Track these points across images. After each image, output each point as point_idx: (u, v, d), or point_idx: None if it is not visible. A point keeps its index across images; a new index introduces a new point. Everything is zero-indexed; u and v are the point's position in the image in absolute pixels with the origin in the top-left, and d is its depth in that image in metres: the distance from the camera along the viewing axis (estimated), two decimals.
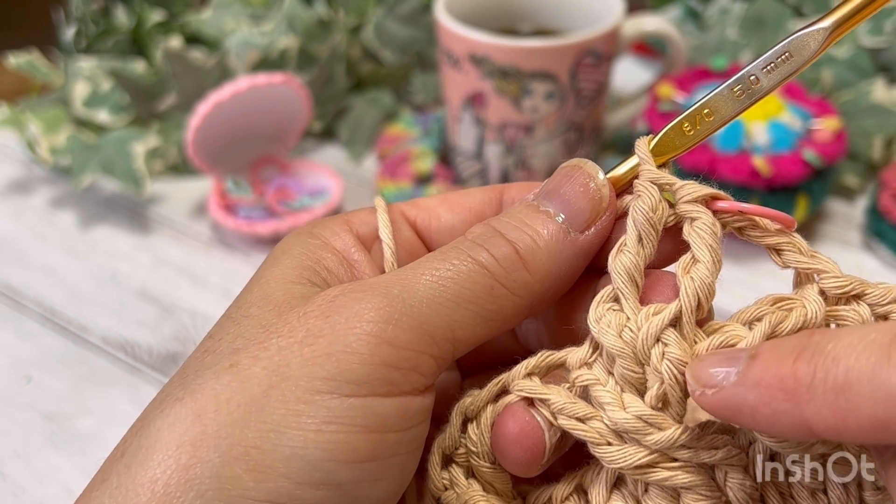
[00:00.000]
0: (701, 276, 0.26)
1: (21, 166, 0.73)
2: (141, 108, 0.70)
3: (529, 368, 0.28)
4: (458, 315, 0.26)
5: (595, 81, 0.63)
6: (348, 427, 0.24)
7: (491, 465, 0.28)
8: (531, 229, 0.28)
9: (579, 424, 0.26)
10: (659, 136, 0.28)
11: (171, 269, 0.62)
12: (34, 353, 0.55)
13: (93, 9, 0.73)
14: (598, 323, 0.27)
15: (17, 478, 0.47)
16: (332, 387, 0.24)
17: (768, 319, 0.26)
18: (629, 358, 0.26)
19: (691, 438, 0.25)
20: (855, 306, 0.26)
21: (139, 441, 0.24)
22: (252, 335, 0.26)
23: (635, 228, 0.27)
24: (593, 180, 0.28)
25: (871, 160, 0.66)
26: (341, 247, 0.30)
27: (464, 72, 0.62)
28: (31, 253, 0.64)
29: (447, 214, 0.31)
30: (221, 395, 0.24)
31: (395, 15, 0.77)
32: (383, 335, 0.25)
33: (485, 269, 0.27)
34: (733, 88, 0.27)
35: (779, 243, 0.27)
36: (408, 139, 0.72)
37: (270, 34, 0.72)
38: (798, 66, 0.26)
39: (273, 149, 0.68)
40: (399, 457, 0.26)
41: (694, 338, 0.26)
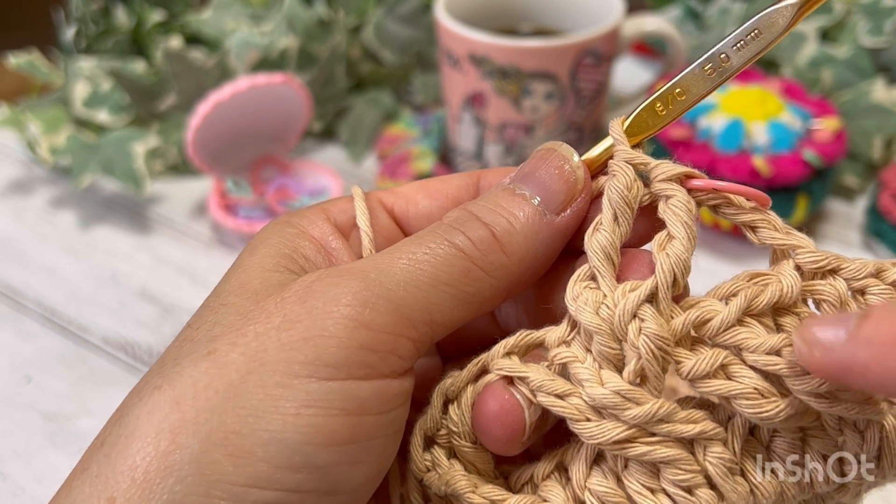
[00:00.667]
0: (676, 252, 0.26)
1: (21, 166, 0.73)
2: (141, 108, 0.70)
3: (508, 348, 0.28)
4: (435, 298, 0.26)
5: (595, 81, 0.63)
6: (327, 410, 0.24)
7: (472, 444, 0.28)
8: (507, 212, 0.28)
9: (558, 401, 0.27)
10: (632, 117, 0.29)
11: (171, 269, 0.62)
12: (34, 353, 0.55)
13: (93, 9, 0.73)
14: (575, 301, 0.27)
15: (17, 478, 0.47)
16: (310, 371, 0.24)
17: (744, 294, 0.26)
18: (606, 334, 0.26)
19: (669, 413, 0.25)
20: (831, 280, 0.27)
21: (118, 430, 0.24)
22: (229, 322, 0.26)
23: (611, 207, 0.27)
24: (568, 162, 0.29)
25: (870, 160, 0.66)
26: (318, 235, 0.30)
27: (464, 72, 0.62)
28: (31, 253, 0.64)
29: (425, 201, 0.32)
30: (199, 381, 0.24)
31: (395, 15, 0.77)
32: (360, 318, 0.25)
33: (461, 252, 0.27)
34: (704, 67, 0.27)
35: (753, 220, 0.27)
36: (408, 139, 0.72)
37: (270, 34, 0.72)
38: (767, 42, 0.27)
39: (273, 149, 0.68)
40: (378, 439, 0.26)
41: (670, 313, 0.26)
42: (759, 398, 0.25)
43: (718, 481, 0.26)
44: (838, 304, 0.26)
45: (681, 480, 0.26)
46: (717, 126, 0.61)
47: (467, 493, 0.28)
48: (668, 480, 0.26)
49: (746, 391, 0.25)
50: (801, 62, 0.69)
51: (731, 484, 0.26)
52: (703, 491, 0.26)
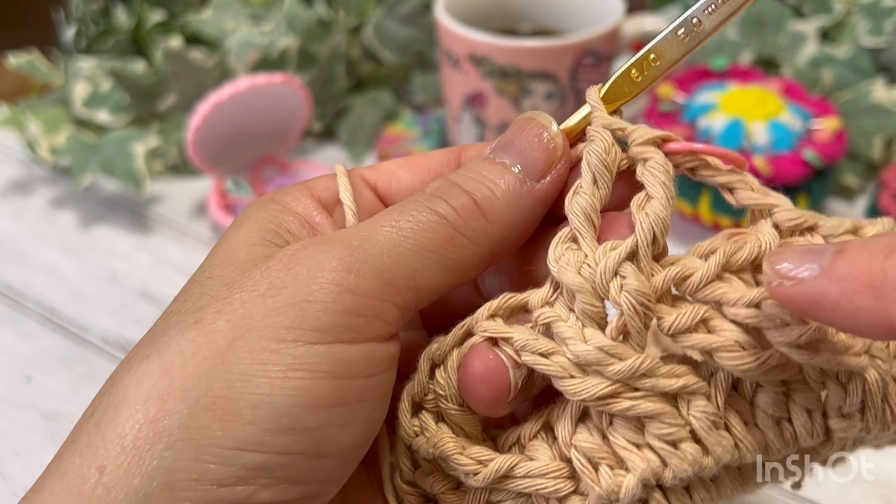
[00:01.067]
0: (655, 211, 0.27)
1: (21, 166, 0.73)
2: (141, 108, 0.70)
3: (492, 310, 0.29)
4: (419, 264, 0.27)
5: (595, 81, 0.63)
6: (314, 373, 0.24)
7: (459, 407, 0.29)
8: (488, 180, 0.28)
9: (542, 359, 0.27)
10: (608, 85, 0.29)
11: (171, 269, 0.62)
12: (34, 353, 0.55)
13: (93, 9, 0.73)
14: (557, 262, 0.27)
15: (17, 478, 0.47)
16: (297, 335, 0.24)
17: (722, 250, 0.26)
18: (588, 293, 0.26)
19: (652, 368, 0.26)
20: (809, 237, 0.27)
21: (108, 399, 0.25)
22: (216, 292, 0.26)
23: (590, 171, 0.28)
24: (546, 130, 0.29)
25: (871, 160, 0.66)
26: (302, 210, 0.30)
27: (464, 72, 0.62)
28: (31, 253, 0.64)
29: (407, 176, 0.32)
30: (187, 349, 0.25)
31: (395, 15, 0.77)
32: (345, 283, 0.25)
33: (444, 219, 0.27)
34: (677, 32, 0.28)
35: (731, 181, 0.28)
36: (408, 139, 0.72)
37: (270, 34, 0.72)
38: (737, 6, 0.27)
39: (273, 149, 0.68)
40: (366, 403, 0.26)
41: (651, 271, 0.26)
42: (739, 350, 0.25)
43: (703, 435, 0.26)
44: None
45: (665, 434, 0.26)
46: (717, 126, 0.61)
47: (455, 455, 0.28)
48: (652, 435, 0.26)
49: (727, 344, 0.25)
50: (801, 62, 0.69)
51: (715, 437, 0.26)
52: (687, 445, 0.26)
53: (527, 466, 0.28)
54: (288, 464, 0.24)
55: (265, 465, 0.24)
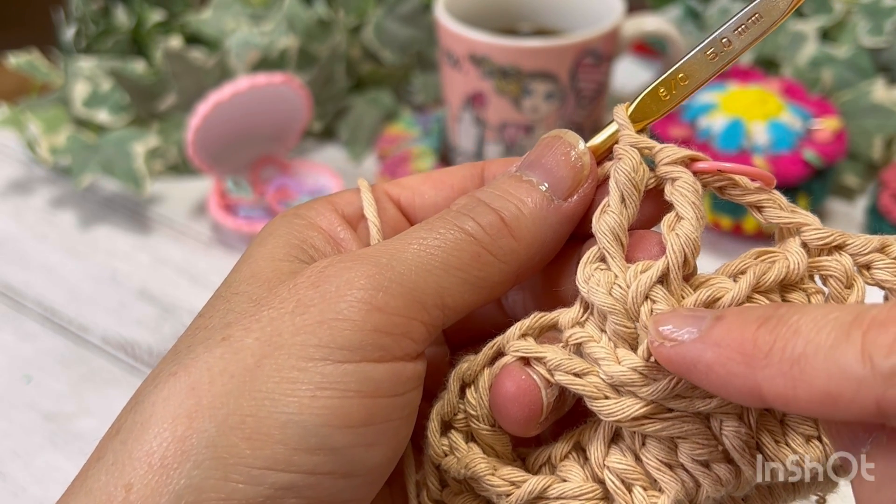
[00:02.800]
0: (686, 232, 0.26)
1: (21, 166, 0.73)
2: (141, 108, 0.70)
3: (523, 329, 0.28)
4: (446, 282, 0.27)
5: (595, 81, 0.63)
6: (342, 392, 0.24)
7: (490, 427, 0.29)
8: (515, 198, 0.28)
9: (576, 379, 0.27)
10: (636, 102, 0.29)
11: (171, 269, 0.62)
12: (34, 353, 0.55)
13: (93, 9, 0.73)
14: (587, 283, 0.27)
15: (17, 478, 0.47)
16: (325, 353, 0.24)
17: (752, 271, 0.26)
18: (620, 314, 0.26)
19: (686, 388, 0.26)
20: (837, 256, 0.27)
21: (134, 417, 0.24)
22: (243, 309, 0.26)
23: (618, 189, 0.28)
24: (574, 149, 0.29)
25: (871, 160, 0.66)
26: (327, 226, 0.30)
27: (464, 72, 0.62)
28: (31, 253, 0.64)
29: (430, 192, 0.32)
30: (215, 367, 0.24)
31: (395, 15, 0.77)
32: (374, 302, 0.25)
33: (471, 236, 0.27)
34: (706, 52, 0.28)
35: (759, 200, 0.28)
36: (408, 139, 0.72)
37: (270, 34, 0.72)
38: (768, 26, 0.27)
39: (273, 149, 0.68)
40: (394, 422, 0.26)
41: (681, 293, 0.26)
42: None
43: (735, 455, 0.26)
44: (844, 280, 0.27)
45: (698, 455, 0.26)
46: (717, 126, 0.61)
47: (487, 476, 0.28)
48: (685, 455, 0.26)
49: None
50: (802, 62, 0.69)
51: (747, 457, 0.26)
52: (720, 465, 0.26)
53: (560, 488, 0.28)
54: (316, 483, 0.24)
55: (293, 484, 0.24)
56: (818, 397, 0.20)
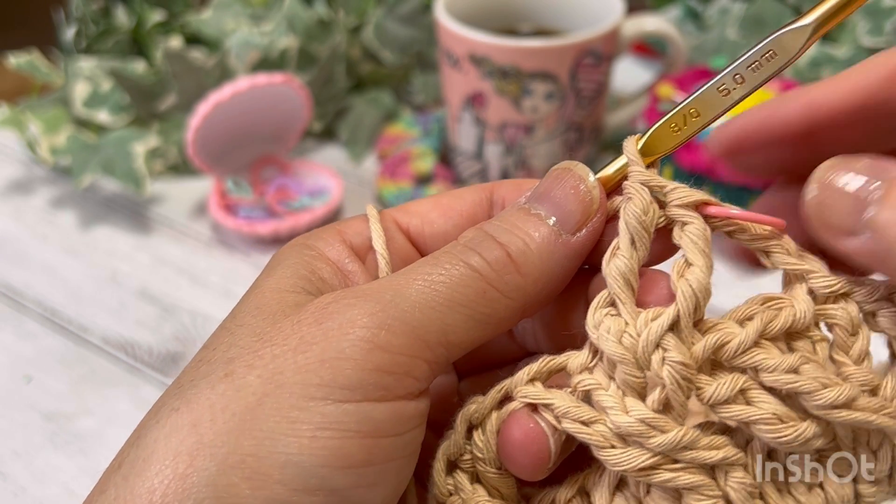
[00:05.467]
0: (697, 279, 0.26)
1: (21, 166, 0.73)
2: (141, 108, 0.70)
3: (532, 374, 0.28)
4: (450, 319, 0.26)
5: (595, 81, 0.63)
6: (343, 433, 0.24)
7: (497, 470, 0.29)
8: (522, 232, 0.28)
9: (583, 428, 0.27)
10: (647, 136, 0.28)
11: (171, 269, 0.62)
12: (34, 353, 0.55)
13: (93, 9, 0.73)
14: (596, 329, 0.27)
15: (18, 478, 0.47)
16: (326, 393, 0.24)
17: (760, 318, 0.26)
18: (630, 364, 0.26)
19: (693, 440, 0.26)
20: (843, 304, 0.27)
21: (136, 452, 0.25)
22: (246, 344, 0.26)
23: (628, 232, 0.27)
24: (583, 182, 0.28)
25: None
26: (335, 257, 0.30)
27: (464, 72, 0.62)
28: (31, 253, 0.64)
29: (439, 220, 0.32)
30: (217, 404, 0.24)
31: (395, 15, 0.77)
32: (376, 340, 0.25)
33: (477, 272, 0.27)
34: (719, 88, 0.27)
35: (768, 246, 0.27)
36: (408, 139, 0.72)
37: (270, 34, 0.72)
38: (782, 64, 0.26)
39: (273, 149, 0.68)
40: (395, 461, 0.26)
41: (692, 339, 0.26)
42: (777, 423, 0.25)
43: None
44: (850, 328, 0.27)
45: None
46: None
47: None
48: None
49: (765, 417, 0.25)
50: (801, 62, 0.69)
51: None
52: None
53: None
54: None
55: None
56: None
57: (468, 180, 0.68)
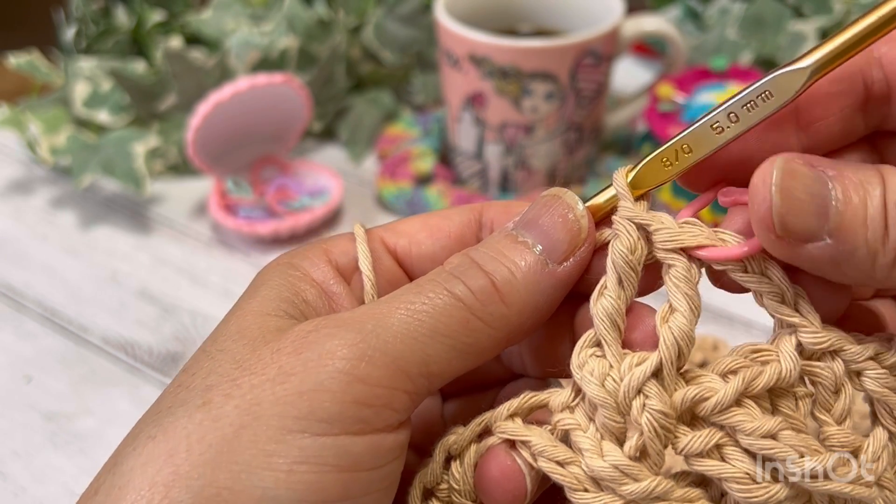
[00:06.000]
0: (679, 326, 0.26)
1: (21, 166, 0.73)
2: (141, 108, 0.70)
3: (512, 410, 0.28)
4: (432, 350, 0.26)
5: (595, 81, 0.63)
6: (320, 467, 0.24)
7: (472, 503, 0.29)
8: (509, 260, 0.28)
9: (558, 468, 0.27)
10: (637, 169, 0.28)
11: (171, 269, 0.62)
12: (34, 353, 0.55)
13: (93, 9, 0.73)
14: (580, 369, 0.27)
15: (18, 478, 0.47)
16: (304, 426, 0.24)
17: (742, 376, 0.26)
18: (611, 408, 0.26)
19: (666, 491, 0.26)
20: (829, 363, 0.26)
21: (112, 480, 0.24)
22: (225, 371, 0.26)
23: (615, 271, 0.27)
24: (572, 211, 0.28)
25: None
26: (320, 279, 0.29)
27: (464, 72, 0.62)
28: (31, 253, 0.64)
29: (427, 241, 0.31)
30: (193, 434, 0.24)
31: (395, 15, 0.77)
32: (356, 372, 0.25)
33: (461, 301, 0.27)
34: (712, 125, 0.27)
35: (762, 289, 0.27)
36: (408, 139, 0.72)
37: (270, 34, 0.72)
38: (778, 106, 0.26)
39: (273, 149, 0.68)
40: (372, 495, 0.25)
41: (675, 386, 0.26)
42: (749, 483, 0.25)
43: None
44: (833, 388, 0.26)
45: None
46: None
47: None
48: None
49: (738, 476, 0.25)
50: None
51: None
52: None
53: None
54: None
55: None
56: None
57: (468, 180, 0.68)
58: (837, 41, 0.25)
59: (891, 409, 0.27)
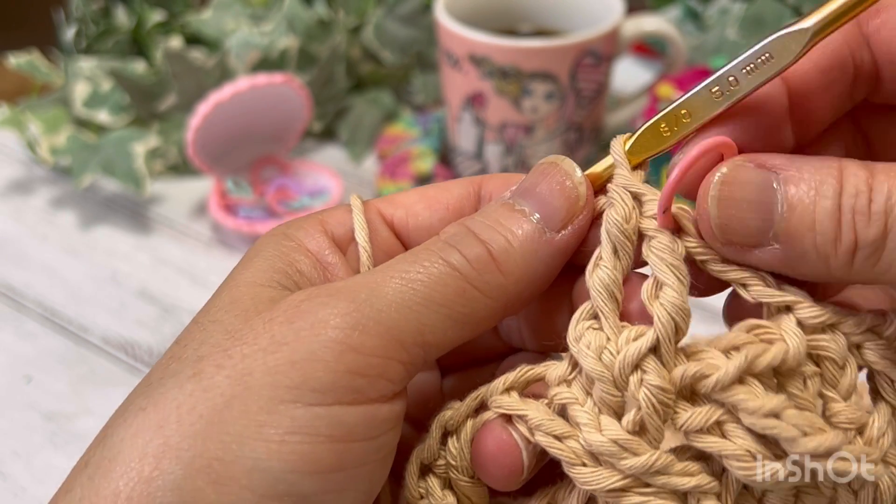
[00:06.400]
0: (671, 300, 0.25)
1: (21, 166, 0.73)
2: (141, 108, 0.70)
3: (508, 384, 0.28)
4: (428, 319, 0.26)
5: (595, 81, 0.63)
6: (313, 437, 0.24)
7: (470, 478, 0.28)
8: (505, 229, 0.27)
9: (556, 442, 0.26)
10: (635, 136, 0.28)
11: (171, 269, 0.62)
12: (34, 353, 0.55)
13: (93, 9, 0.73)
14: (577, 343, 0.26)
15: (18, 478, 0.47)
16: (296, 396, 0.24)
17: (745, 354, 0.25)
18: (608, 381, 0.25)
19: (666, 465, 0.25)
20: (832, 335, 0.26)
21: (102, 452, 0.24)
22: (217, 341, 0.25)
23: (610, 241, 0.27)
24: (570, 178, 0.28)
25: None
26: (315, 249, 0.29)
27: (464, 72, 0.62)
28: (31, 253, 0.64)
29: (425, 212, 0.31)
30: (184, 405, 0.24)
31: (395, 15, 0.77)
32: (349, 342, 0.24)
33: (456, 270, 0.26)
34: (711, 90, 0.26)
35: (743, 278, 0.26)
36: (408, 139, 0.72)
37: (270, 34, 0.72)
38: (779, 68, 0.25)
39: (273, 149, 0.68)
40: (367, 466, 0.25)
41: (674, 361, 0.25)
42: (750, 460, 0.25)
43: None
44: (840, 361, 0.26)
45: None
46: None
47: None
48: None
49: (738, 453, 0.25)
50: None
51: None
52: None
53: None
54: None
55: None
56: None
57: None
58: (839, 1, 0.24)
59: (892, 382, 0.26)
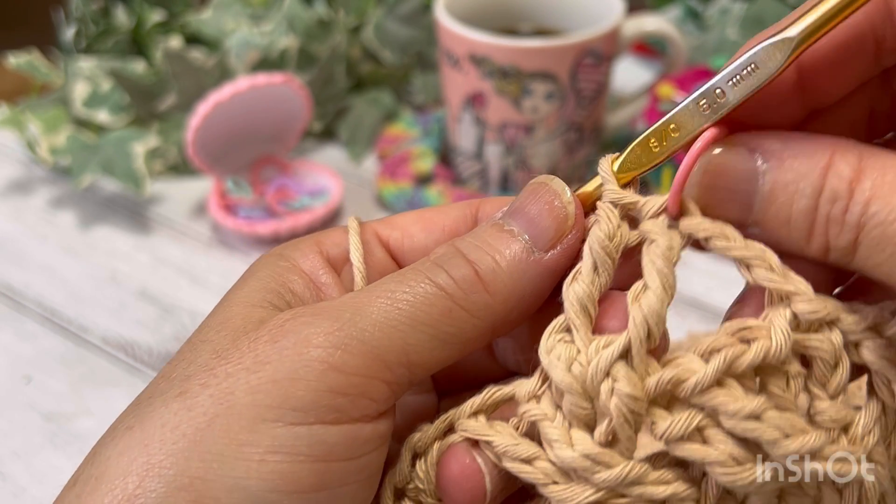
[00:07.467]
0: (649, 305, 0.25)
1: (21, 166, 0.73)
2: (141, 108, 0.70)
3: (475, 407, 0.28)
4: (413, 339, 0.26)
5: (595, 81, 0.63)
6: (293, 457, 0.24)
7: (438, 502, 0.28)
8: (493, 249, 0.27)
9: (524, 466, 0.26)
10: (624, 155, 0.27)
11: (171, 269, 0.62)
12: (34, 353, 0.55)
13: (93, 9, 0.73)
14: (548, 355, 0.26)
15: (18, 478, 0.47)
16: (278, 415, 0.24)
17: (724, 355, 0.24)
18: (578, 394, 0.25)
19: (641, 475, 0.25)
20: (827, 333, 0.25)
21: (90, 470, 0.25)
22: (204, 361, 0.26)
23: (591, 256, 0.26)
24: (559, 198, 0.28)
25: None
26: (309, 269, 0.29)
27: (464, 72, 0.62)
28: (31, 253, 0.64)
29: (420, 234, 0.31)
30: (168, 423, 0.24)
31: (395, 15, 0.77)
32: (331, 360, 0.24)
33: (442, 290, 0.26)
34: (699, 103, 0.26)
35: (746, 257, 0.25)
36: (408, 139, 0.72)
37: (270, 34, 0.72)
38: (764, 78, 0.25)
39: (273, 149, 0.68)
40: (349, 486, 0.25)
41: (646, 369, 0.25)
42: (733, 466, 0.24)
43: None
44: (831, 361, 0.25)
45: None
46: None
47: None
48: None
49: (721, 458, 0.24)
50: None
51: None
52: None
53: None
54: None
55: None
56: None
57: (468, 180, 0.68)
58: (828, 4, 0.23)
59: (889, 381, 0.26)
